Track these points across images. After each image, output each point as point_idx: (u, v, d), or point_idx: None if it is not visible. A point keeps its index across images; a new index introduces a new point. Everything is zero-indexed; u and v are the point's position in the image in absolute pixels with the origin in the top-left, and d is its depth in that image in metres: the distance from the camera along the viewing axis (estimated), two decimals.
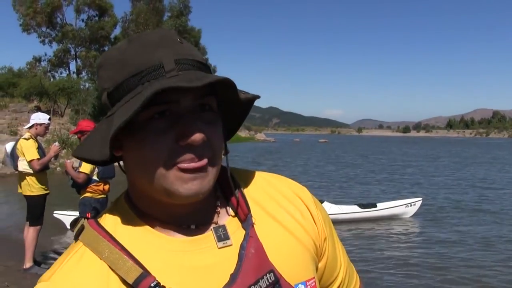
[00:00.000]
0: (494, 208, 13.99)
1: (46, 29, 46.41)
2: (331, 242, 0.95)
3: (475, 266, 8.01)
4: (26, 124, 25.58)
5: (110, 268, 0.74)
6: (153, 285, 0.71)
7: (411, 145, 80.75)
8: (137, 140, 0.75)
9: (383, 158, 39.29)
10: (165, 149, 0.73)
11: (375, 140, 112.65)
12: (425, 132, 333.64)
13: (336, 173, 25.12)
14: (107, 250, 0.75)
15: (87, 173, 5.79)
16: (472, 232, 10.64)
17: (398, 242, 9.75)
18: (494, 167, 30.59)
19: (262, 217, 0.86)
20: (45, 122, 6.41)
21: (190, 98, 0.74)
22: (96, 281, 0.73)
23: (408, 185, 19.64)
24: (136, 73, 0.74)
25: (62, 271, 0.75)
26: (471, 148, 68.09)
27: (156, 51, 0.75)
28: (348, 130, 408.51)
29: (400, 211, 11.66)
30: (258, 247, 0.80)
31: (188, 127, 0.72)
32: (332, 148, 60.42)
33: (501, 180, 22.18)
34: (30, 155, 6.10)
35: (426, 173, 25.81)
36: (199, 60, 0.78)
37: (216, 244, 0.79)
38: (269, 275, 0.78)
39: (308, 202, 0.93)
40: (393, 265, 7.98)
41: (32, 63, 47.37)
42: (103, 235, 0.77)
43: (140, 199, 0.82)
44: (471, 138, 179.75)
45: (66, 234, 9.12)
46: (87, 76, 47.83)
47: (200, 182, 0.75)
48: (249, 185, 0.91)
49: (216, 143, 0.77)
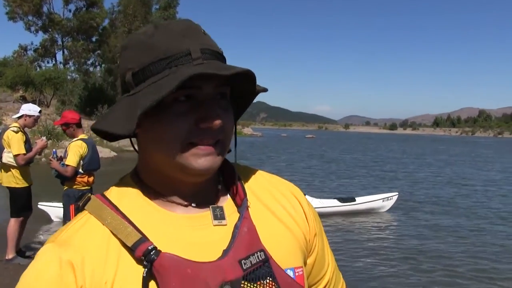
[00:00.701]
0: (466, 203, 14.57)
1: (32, 18, 45.88)
2: (320, 240, 1.01)
3: (445, 256, 8.42)
4: (11, 114, 25.06)
5: (112, 233, 0.80)
6: (150, 248, 0.76)
7: (397, 142, 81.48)
8: (159, 119, 0.81)
9: (367, 155, 39.68)
10: (184, 130, 0.79)
11: (362, 137, 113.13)
12: (411, 130, 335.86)
13: (319, 168, 25.39)
14: (109, 217, 0.81)
15: (74, 166, 5.72)
16: (443, 225, 11.09)
17: (374, 234, 10.06)
18: (474, 165, 31.19)
19: (256, 205, 0.93)
20: (35, 115, 6.32)
21: (212, 86, 0.81)
22: (98, 242, 0.79)
23: (387, 181, 20.01)
24: (165, 58, 0.80)
25: (67, 233, 0.81)
26: (457, 146, 69.03)
27: (184, 40, 0.81)
28: (335, 126, 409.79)
29: (378, 205, 12.05)
30: (251, 227, 0.86)
31: (209, 113, 0.79)
32: (319, 144, 60.61)
33: (478, 177, 22.78)
34: (16, 149, 6.03)
35: (407, 169, 26.25)
36: (219, 52, 0.85)
37: (212, 222, 0.86)
38: (260, 253, 0.83)
39: (301, 200, 1.00)
40: (367, 255, 8.35)
41: (18, 52, 46.83)
42: (107, 204, 0.84)
43: (149, 175, 0.89)
44: (457, 137, 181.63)
45: (51, 225, 9.06)
46: (74, 66, 47.48)
47: (212, 159, 0.81)
48: (249, 177, 0.99)
49: (229, 127, 0.85)
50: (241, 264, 0.80)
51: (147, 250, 0.76)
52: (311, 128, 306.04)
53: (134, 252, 0.77)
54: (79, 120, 5.99)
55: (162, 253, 0.77)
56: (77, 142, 5.83)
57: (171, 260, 0.77)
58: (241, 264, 0.80)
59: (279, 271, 0.85)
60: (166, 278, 0.75)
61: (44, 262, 0.78)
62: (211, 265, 0.79)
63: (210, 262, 0.79)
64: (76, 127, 5.94)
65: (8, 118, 26.55)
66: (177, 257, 0.77)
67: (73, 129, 5.93)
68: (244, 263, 0.80)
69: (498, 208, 13.79)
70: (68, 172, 5.71)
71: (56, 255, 0.78)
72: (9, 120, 26.01)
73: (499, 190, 18.01)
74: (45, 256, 0.79)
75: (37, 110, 6.41)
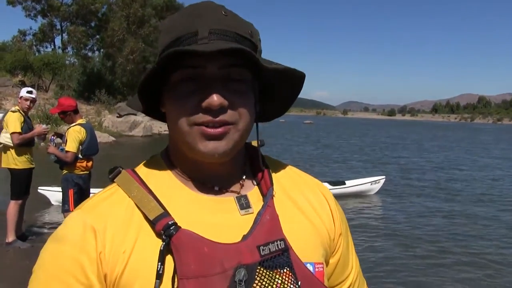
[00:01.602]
0: (454, 186, 15.12)
1: (31, 3, 45.53)
2: (345, 240, 1.00)
3: (428, 235, 8.88)
4: (10, 98, 25.03)
5: (136, 205, 0.82)
6: (170, 223, 0.78)
7: (395, 128, 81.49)
8: (169, 98, 0.84)
9: (364, 140, 39.88)
10: (188, 109, 0.80)
11: (360, 123, 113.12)
12: (410, 116, 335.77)
13: (314, 153, 25.72)
14: (136, 191, 0.84)
15: (74, 152, 5.79)
16: (428, 207, 11.62)
17: (363, 215, 10.37)
18: (470, 151, 31.43)
19: (282, 196, 0.93)
20: (24, 95, 6.33)
21: (217, 65, 0.80)
22: (122, 212, 0.82)
23: (381, 165, 20.36)
24: (176, 39, 0.82)
25: (94, 202, 0.85)
26: (456, 132, 69.27)
27: (196, 20, 0.82)
28: (333, 112, 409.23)
29: (366, 188, 12.48)
30: (273, 215, 0.86)
31: (208, 91, 0.79)
32: (316, 129, 60.61)
33: (471, 163, 23.20)
34: (12, 128, 6.07)
35: (401, 154, 26.58)
36: (239, 33, 0.83)
37: (239, 212, 0.86)
38: (280, 242, 0.83)
39: (329, 199, 1.00)
40: (357, 233, 8.60)
41: (17, 37, 46.56)
42: (135, 178, 0.87)
43: (174, 154, 0.92)
44: (456, 123, 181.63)
45: (51, 209, 9.09)
46: (72, 51, 47.23)
47: (217, 143, 0.81)
48: (277, 169, 1.00)
49: (241, 113, 0.82)
50: (259, 250, 0.80)
51: (167, 225, 0.78)
52: (310, 114, 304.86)
53: (154, 225, 0.79)
54: (75, 106, 6.06)
55: (181, 229, 0.78)
56: (76, 128, 5.90)
57: (189, 236, 0.78)
58: (259, 249, 0.80)
59: (298, 263, 0.84)
60: (182, 253, 0.77)
61: (69, 224, 0.83)
62: (229, 246, 0.79)
63: (228, 244, 0.80)
64: (73, 113, 6.01)
65: (7, 102, 26.57)
66: (195, 235, 0.79)
67: (70, 115, 6.00)
68: (262, 249, 0.81)
69: (486, 192, 14.24)
70: (69, 158, 5.78)
71: (81, 219, 0.82)
72: (8, 104, 26.05)
73: (490, 175, 18.42)
74: (71, 219, 0.84)
75: (25, 91, 6.42)
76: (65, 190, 5.97)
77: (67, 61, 41.16)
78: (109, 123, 28.94)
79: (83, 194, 6.05)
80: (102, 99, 33.98)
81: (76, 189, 5.94)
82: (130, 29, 39.56)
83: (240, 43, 0.81)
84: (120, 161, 17.69)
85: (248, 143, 0.98)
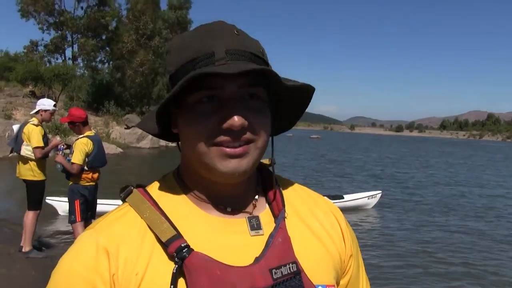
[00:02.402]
0: (450, 202, 15.32)
1: (44, 15, 46.02)
2: (355, 262, 0.99)
3: (419, 243, 9.35)
4: (20, 108, 25.26)
5: (149, 226, 0.82)
6: (183, 245, 0.78)
7: (401, 144, 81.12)
8: (186, 119, 0.83)
9: (369, 156, 39.86)
10: (207, 129, 0.80)
11: (367, 138, 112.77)
12: (418, 132, 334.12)
13: (317, 167, 25.77)
14: (148, 211, 0.83)
15: (80, 164, 5.83)
16: (422, 221, 11.90)
17: (358, 229, 10.53)
18: (474, 168, 31.36)
19: (294, 218, 0.92)
20: (50, 109, 6.44)
21: (235, 86, 0.80)
22: (135, 233, 0.82)
23: (381, 180, 20.66)
24: (192, 59, 0.81)
25: (107, 222, 0.84)
26: (465, 149, 68.85)
27: (211, 41, 0.81)
28: (340, 127, 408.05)
29: (363, 202, 12.72)
30: (285, 238, 0.85)
31: (229, 112, 0.79)
32: (323, 145, 60.41)
33: (473, 179, 23.17)
34: (35, 142, 6.16)
35: (403, 170, 26.61)
36: (253, 52, 0.83)
37: (249, 232, 0.86)
38: (292, 265, 0.82)
39: (340, 220, 0.99)
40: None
41: (29, 47, 47.00)
42: (147, 198, 0.86)
43: (187, 174, 0.91)
44: (464, 140, 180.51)
45: (58, 220, 9.14)
46: (82, 63, 47.63)
47: (237, 162, 0.81)
48: (289, 189, 0.99)
49: (260, 131, 0.83)
50: (271, 273, 0.80)
51: (179, 247, 0.78)
52: (317, 128, 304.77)
53: (167, 247, 0.79)
54: (85, 118, 6.11)
55: (193, 252, 0.78)
56: (83, 140, 5.93)
57: (201, 259, 0.78)
58: (272, 273, 0.80)
59: (310, 286, 0.84)
60: (195, 277, 0.76)
61: (82, 245, 0.82)
62: (241, 270, 0.79)
63: (241, 267, 0.79)
64: (82, 125, 6.06)
65: (17, 112, 26.80)
66: (208, 257, 0.78)
67: (78, 127, 6.06)
68: (274, 272, 0.80)
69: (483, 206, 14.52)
70: (74, 169, 5.82)
71: (94, 240, 0.81)
72: (19, 114, 26.26)
73: (492, 191, 18.51)
74: (84, 240, 0.83)
75: (51, 104, 6.54)
76: (71, 201, 6.02)
77: (77, 72, 41.52)
78: (117, 134, 29.14)
79: (89, 205, 6.12)
80: (110, 110, 34.18)
81: (82, 200, 5.98)
82: (140, 41, 39.86)
83: (255, 62, 0.82)
84: (127, 173, 17.97)
85: (260, 162, 0.96)
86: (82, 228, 5.84)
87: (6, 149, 18.15)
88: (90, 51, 44.55)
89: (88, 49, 44.27)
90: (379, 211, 12.78)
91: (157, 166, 20.79)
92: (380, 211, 12.75)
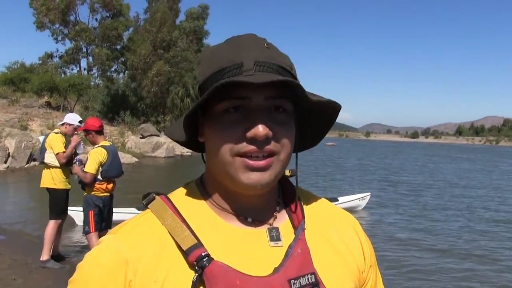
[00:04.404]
0: (449, 205, 15.44)
1: (59, 26, 46.68)
2: (374, 273, 1.00)
3: (404, 246, 9.53)
4: (36, 119, 25.65)
5: (170, 234, 0.82)
6: (203, 254, 0.78)
7: (418, 150, 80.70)
8: (212, 128, 0.84)
9: (384, 161, 39.40)
10: (232, 139, 0.81)
11: (383, 145, 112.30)
12: (434, 138, 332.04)
13: (321, 172, 25.83)
14: (170, 219, 0.84)
15: (93, 173, 5.84)
16: (421, 221, 12.32)
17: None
18: (487, 173, 30.84)
19: (313, 230, 0.93)
20: (74, 124, 6.56)
21: (262, 97, 0.81)
22: (155, 241, 0.82)
23: (394, 186, 20.55)
24: (220, 69, 0.83)
25: (128, 228, 0.85)
26: (483, 154, 68.54)
27: (241, 52, 0.83)
28: (356, 134, 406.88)
29: (355, 204, 13.24)
30: (305, 249, 0.86)
31: (254, 121, 0.79)
32: (338, 152, 60.15)
33: (480, 184, 22.98)
34: (57, 148, 6.26)
35: (412, 175, 26.25)
36: (281, 65, 0.84)
37: (268, 243, 0.86)
38: (310, 276, 0.83)
39: (359, 232, 1.00)
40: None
41: (44, 58, 47.66)
42: (169, 205, 0.86)
43: (210, 184, 0.91)
44: (480, 146, 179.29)
45: (75, 229, 9.08)
46: (97, 73, 48.14)
47: (261, 175, 0.81)
48: (309, 202, 1.00)
49: (284, 143, 0.83)
50: (290, 284, 0.80)
51: (200, 256, 0.78)
52: (332, 136, 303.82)
53: (187, 256, 0.79)
54: (99, 127, 6.12)
55: (214, 261, 0.79)
56: (97, 149, 5.95)
57: (221, 268, 0.78)
58: (290, 283, 0.80)
59: None
60: (214, 286, 0.77)
61: (102, 249, 0.83)
62: (260, 280, 0.80)
63: (260, 277, 0.80)
64: (95, 134, 6.07)
65: (33, 123, 27.07)
66: (227, 267, 0.79)
67: (92, 136, 6.07)
68: (293, 283, 0.81)
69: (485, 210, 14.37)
70: (87, 179, 5.84)
71: (114, 245, 0.82)
72: (35, 125, 26.52)
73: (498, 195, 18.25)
74: (104, 244, 0.84)
75: (77, 119, 6.66)
76: (86, 212, 6.05)
77: (92, 83, 41.95)
78: (132, 144, 29.26)
79: (103, 216, 6.12)
80: (126, 120, 34.40)
81: (96, 211, 5.99)
82: (156, 52, 40.08)
83: (282, 75, 0.82)
84: (143, 182, 18.04)
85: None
86: (96, 239, 5.82)
87: (23, 160, 18.03)
88: (105, 60, 45.05)
89: (103, 58, 44.77)
90: (369, 212, 13.42)
91: (172, 175, 20.94)
92: (370, 212, 13.38)
